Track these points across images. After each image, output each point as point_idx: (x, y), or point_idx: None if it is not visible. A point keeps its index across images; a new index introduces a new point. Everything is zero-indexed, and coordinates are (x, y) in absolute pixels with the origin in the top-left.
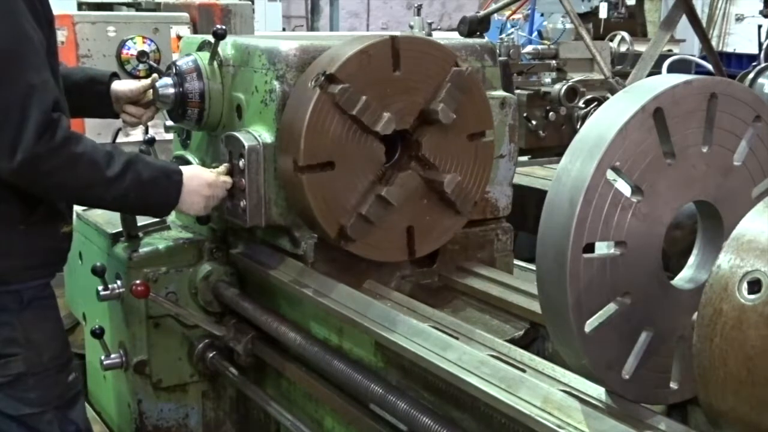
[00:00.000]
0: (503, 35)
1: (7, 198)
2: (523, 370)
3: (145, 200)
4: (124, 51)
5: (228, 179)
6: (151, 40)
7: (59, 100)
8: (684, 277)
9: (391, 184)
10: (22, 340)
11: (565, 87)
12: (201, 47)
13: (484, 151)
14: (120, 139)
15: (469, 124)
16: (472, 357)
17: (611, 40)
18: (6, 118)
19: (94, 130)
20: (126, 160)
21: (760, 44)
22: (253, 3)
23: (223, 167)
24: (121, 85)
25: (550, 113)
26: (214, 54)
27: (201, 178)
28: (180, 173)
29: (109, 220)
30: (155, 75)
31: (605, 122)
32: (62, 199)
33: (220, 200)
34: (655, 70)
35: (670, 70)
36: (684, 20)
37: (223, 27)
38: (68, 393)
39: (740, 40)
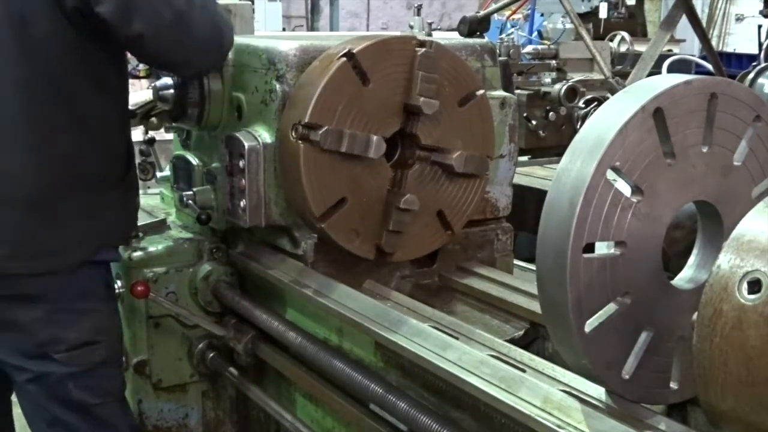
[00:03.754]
0: (503, 35)
1: (100, 166)
2: (523, 370)
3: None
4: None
5: None
6: None
7: None
8: (684, 277)
9: (405, 187)
10: (108, 328)
11: (565, 87)
12: None
13: (480, 110)
14: None
15: (454, 92)
16: (472, 357)
17: (611, 40)
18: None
19: None
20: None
21: (760, 44)
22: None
23: None
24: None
25: (550, 113)
26: None
27: None
28: None
29: None
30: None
31: (605, 122)
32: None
33: None
34: (655, 70)
35: (670, 70)
36: (684, 20)
37: None
38: (124, 387)
39: (740, 40)
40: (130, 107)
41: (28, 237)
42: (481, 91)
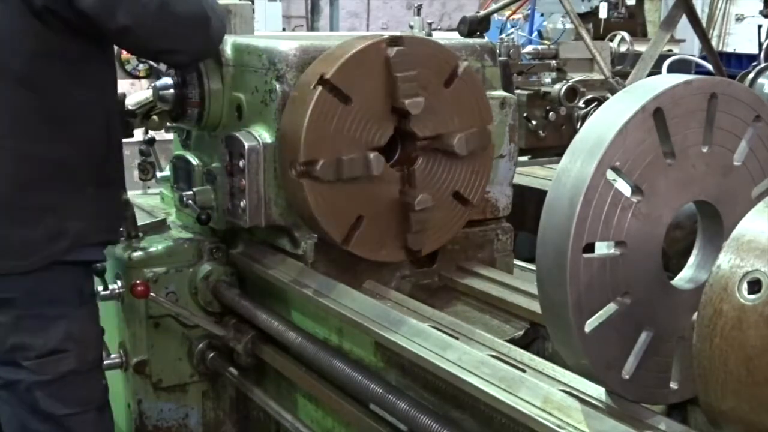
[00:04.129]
0: (503, 35)
1: (79, 162)
2: (523, 370)
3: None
4: (125, 51)
5: None
6: None
7: None
8: (684, 277)
9: (415, 187)
10: (77, 336)
11: (565, 87)
12: None
13: (467, 84)
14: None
15: (437, 76)
16: (472, 357)
17: (611, 40)
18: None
19: None
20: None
21: (760, 44)
22: (253, 3)
23: None
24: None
25: (550, 113)
26: None
27: None
28: None
29: None
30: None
31: (605, 122)
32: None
33: None
34: (655, 70)
35: (670, 70)
36: (684, 20)
37: None
38: (105, 395)
39: (740, 40)
40: (130, 107)
41: None
42: (464, 64)
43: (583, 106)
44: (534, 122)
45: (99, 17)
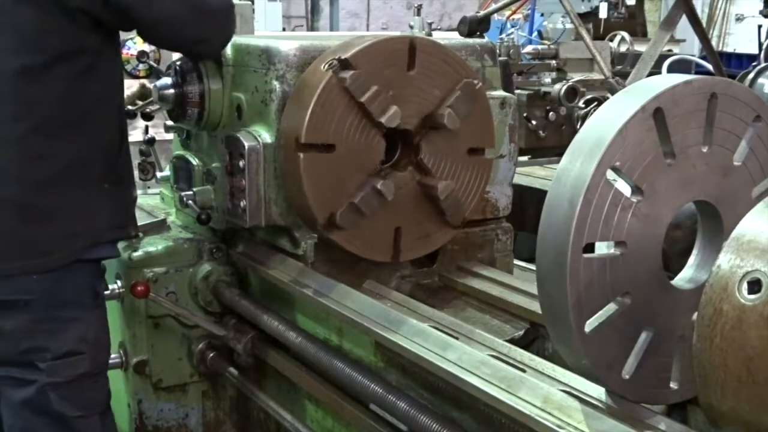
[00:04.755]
0: (503, 35)
1: (92, 161)
2: (523, 370)
3: None
4: (125, 51)
5: None
6: None
7: None
8: (684, 277)
9: (387, 179)
10: (92, 339)
11: (565, 87)
12: None
13: (481, 167)
14: None
15: (471, 137)
16: (472, 357)
17: (611, 40)
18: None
19: None
20: None
21: (760, 44)
22: (253, 3)
23: None
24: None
25: (550, 113)
26: None
27: None
28: None
29: None
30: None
31: (605, 122)
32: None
33: None
34: (655, 70)
35: (670, 70)
36: (684, 20)
37: None
38: (108, 398)
39: (740, 40)
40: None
41: (11, 237)
42: (492, 155)
43: (583, 106)
44: (534, 122)
45: (136, 11)
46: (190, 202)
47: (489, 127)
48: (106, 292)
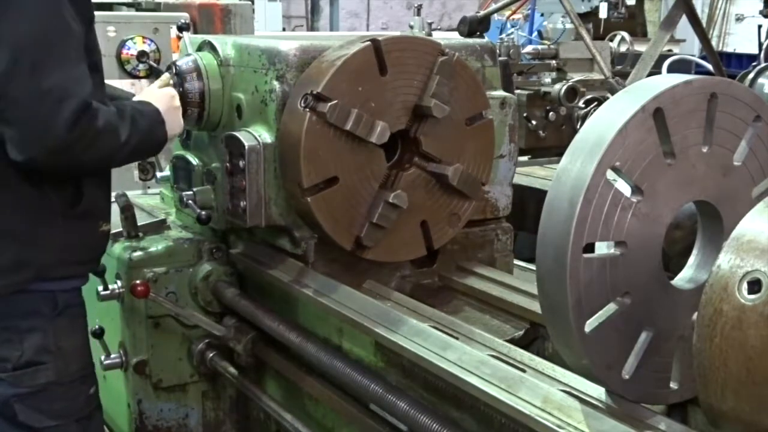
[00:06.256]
0: (503, 35)
1: (49, 191)
2: (523, 370)
3: (148, 146)
4: (124, 51)
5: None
6: (151, 40)
7: (94, 92)
8: (684, 277)
9: (397, 187)
10: (53, 348)
11: (565, 87)
12: (201, 47)
13: (484, 133)
14: None
15: (464, 109)
16: (472, 357)
17: (611, 40)
18: (40, 106)
19: None
20: (129, 116)
21: (760, 44)
22: (253, 3)
23: (159, 81)
24: None
25: (550, 113)
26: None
27: (163, 96)
28: (151, 106)
29: None
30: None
31: (605, 122)
32: (85, 174)
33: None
34: (655, 70)
35: (670, 70)
36: (684, 20)
37: (187, 22)
38: (89, 406)
39: (740, 40)
40: None
41: None
42: (491, 117)
43: (583, 106)
44: (534, 122)
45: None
46: (190, 202)
47: (479, 91)
48: (106, 292)
